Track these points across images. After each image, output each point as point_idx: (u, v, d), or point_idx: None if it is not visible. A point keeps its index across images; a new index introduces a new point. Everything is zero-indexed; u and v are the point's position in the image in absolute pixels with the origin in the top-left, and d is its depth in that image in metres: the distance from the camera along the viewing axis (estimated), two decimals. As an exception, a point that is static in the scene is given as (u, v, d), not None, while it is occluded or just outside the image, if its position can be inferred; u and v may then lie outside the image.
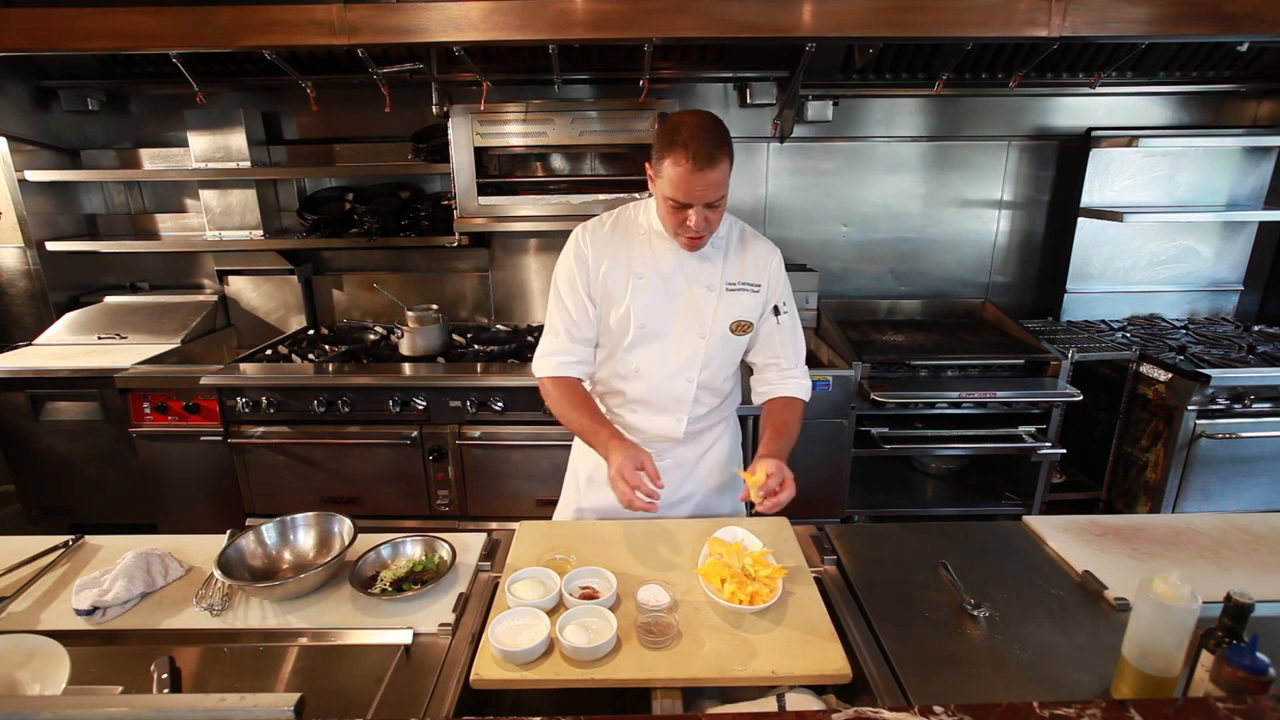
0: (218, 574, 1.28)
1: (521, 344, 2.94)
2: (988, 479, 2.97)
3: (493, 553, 1.47)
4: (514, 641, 1.12)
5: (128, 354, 2.80)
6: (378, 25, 2.27)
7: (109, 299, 3.27)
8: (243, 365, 2.71)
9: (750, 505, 1.43)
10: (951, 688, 1.07)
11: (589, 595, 1.26)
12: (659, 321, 1.57)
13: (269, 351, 2.89)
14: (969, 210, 3.26)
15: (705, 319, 1.57)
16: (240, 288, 3.33)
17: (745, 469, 1.44)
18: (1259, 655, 0.90)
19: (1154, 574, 0.99)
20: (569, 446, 1.83)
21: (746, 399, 1.79)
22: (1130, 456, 2.80)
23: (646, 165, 1.47)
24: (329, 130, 3.17)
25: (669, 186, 1.39)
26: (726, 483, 1.75)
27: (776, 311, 1.63)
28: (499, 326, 3.31)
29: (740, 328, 1.60)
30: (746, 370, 1.75)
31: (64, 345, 2.99)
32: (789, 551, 1.42)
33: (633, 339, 1.58)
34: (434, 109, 2.81)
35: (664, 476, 1.65)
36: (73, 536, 1.51)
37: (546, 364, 1.60)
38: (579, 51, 2.79)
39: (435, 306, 2.88)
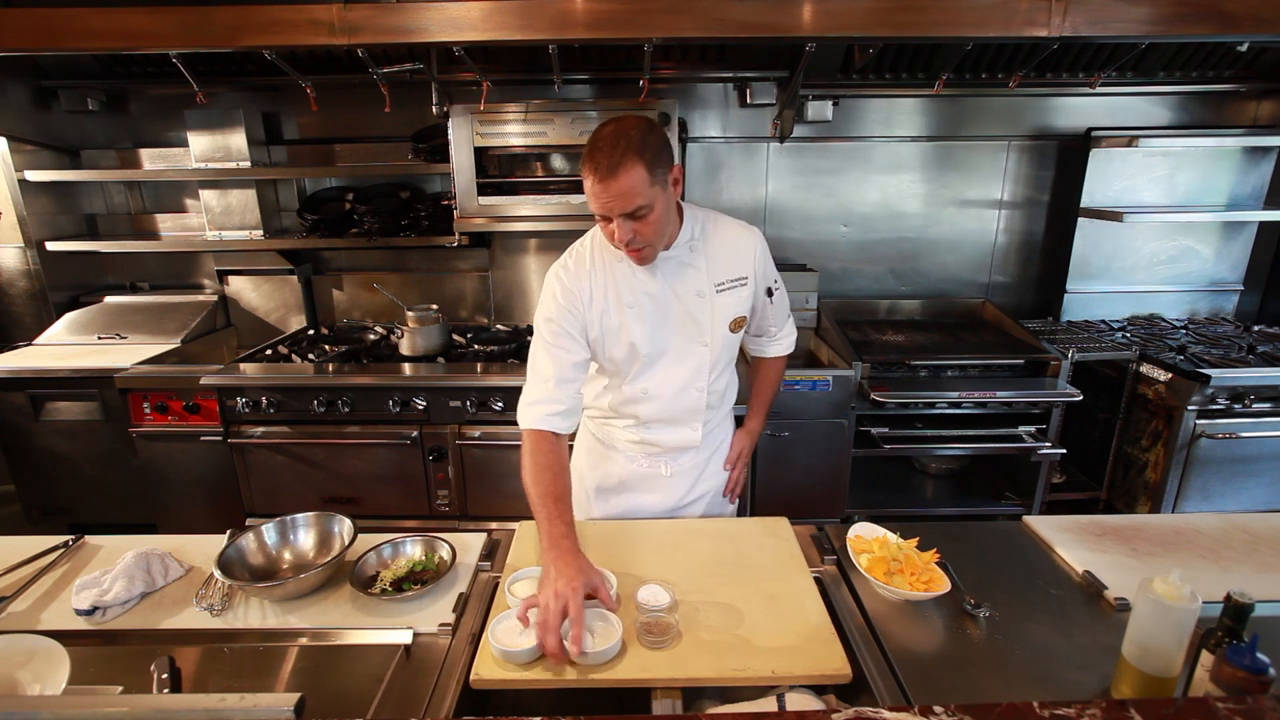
0: (218, 574, 1.28)
1: (521, 344, 2.94)
2: (988, 479, 2.97)
3: (493, 553, 1.47)
4: (514, 642, 1.12)
5: (128, 354, 2.80)
6: (378, 25, 2.27)
7: (109, 299, 3.27)
8: (243, 365, 2.71)
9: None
10: (951, 688, 1.07)
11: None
12: (660, 343, 1.54)
13: (269, 351, 2.89)
14: (969, 210, 3.26)
15: (705, 327, 1.55)
16: (240, 288, 3.33)
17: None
18: (1259, 655, 0.90)
19: (1154, 574, 0.99)
20: (569, 447, 1.82)
21: (742, 400, 1.80)
22: (1130, 456, 2.80)
23: None
24: (329, 130, 3.17)
25: (588, 200, 1.34)
26: (727, 478, 1.77)
27: (769, 293, 1.63)
28: (499, 326, 3.31)
29: (737, 324, 1.58)
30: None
31: (64, 345, 2.99)
32: (789, 551, 1.43)
33: (642, 366, 1.56)
34: (434, 109, 2.81)
35: (679, 481, 1.67)
36: (73, 536, 1.51)
37: (531, 414, 1.47)
38: (579, 51, 2.79)
39: (435, 306, 2.88)
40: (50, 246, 3.04)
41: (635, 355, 1.53)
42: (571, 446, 1.83)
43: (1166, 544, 1.46)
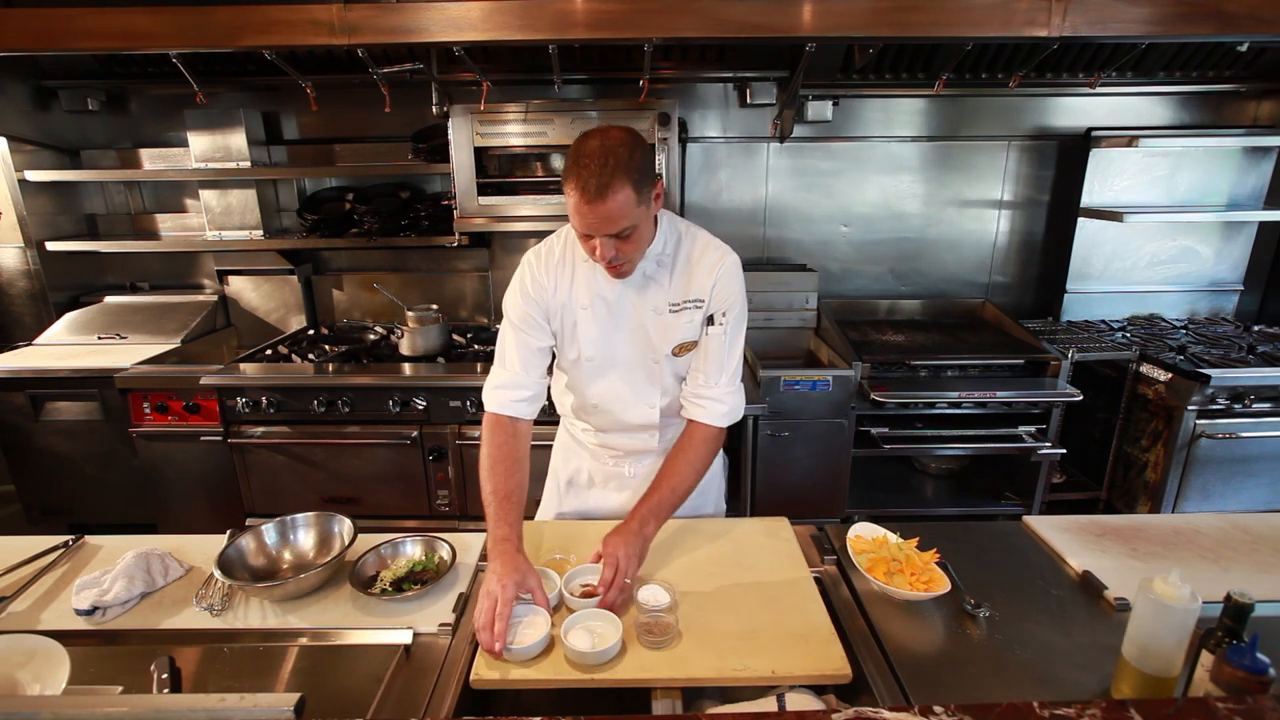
0: (218, 574, 1.28)
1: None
2: (988, 479, 2.96)
3: (493, 553, 1.47)
4: (515, 639, 1.12)
5: (128, 354, 2.80)
6: (378, 25, 2.27)
7: (109, 299, 3.27)
8: (243, 365, 2.71)
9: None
10: (951, 688, 1.07)
11: (589, 593, 1.26)
12: (609, 352, 1.51)
13: (269, 351, 2.89)
14: (969, 210, 3.26)
15: (655, 344, 1.50)
16: (240, 288, 3.33)
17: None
18: (1259, 655, 0.90)
19: (1154, 574, 0.99)
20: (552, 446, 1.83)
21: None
22: (1130, 456, 2.80)
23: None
24: (329, 130, 3.17)
25: (570, 214, 1.30)
26: (709, 482, 1.70)
27: (710, 321, 1.48)
28: (499, 327, 3.30)
29: (683, 349, 1.50)
30: None
31: (64, 345, 2.99)
32: (789, 551, 1.43)
33: (586, 373, 1.54)
34: (434, 109, 2.81)
35: (642, 484, 1.57)
36: (73, 536, 1.51)
37: (494, 399, 1.49)
38: (579, 51, 2.79)
39: (435, 306, 2.88)
40: (50, 246, 3.04)
41: (580, 361, 1.52)
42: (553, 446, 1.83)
43: (1166, 544, 1.46)
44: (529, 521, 1.56)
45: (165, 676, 1.10)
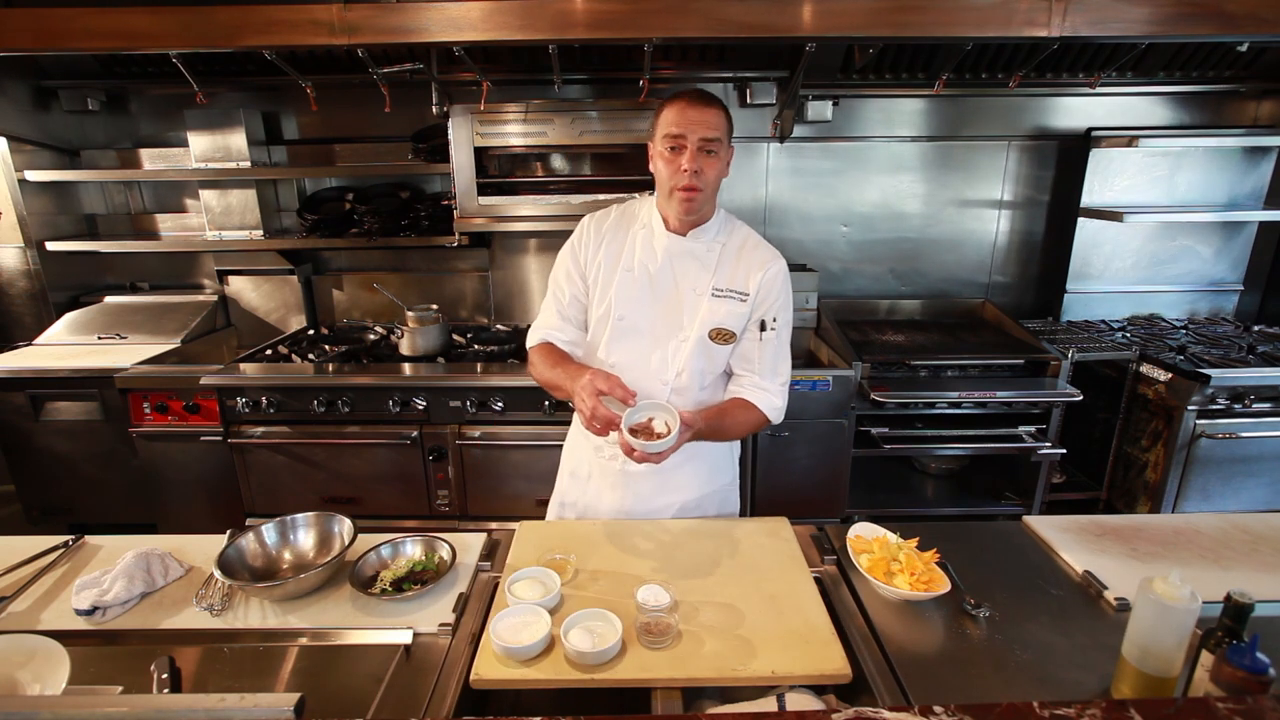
0: (218, 574, 1.28)
1: (521, 344, 2.94)
2: (988, 479, 2.96)
3: (493, 553, 1.47)
4: (515, 639, 1.12)
5: (128, 354, 2.80)
6: (378, 25, 2.27)
7: (109, 299, 3.27)
8: (243, 365, 2.71)
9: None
10: (951, 688, 1.07)
11: (649, 434, 1.33)
12: (639, 317, 1.56)
13: (269, 351, 2.89)
14: (969, 210, 3.26)
15: (686, 322, 1.56)
16: (240, 288, 3.33)
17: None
18: (1259, 655, 0.90)
19: (1154, 574, 0.99)
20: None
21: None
22: (1130, 456, 2.80)
23: (649, 145, 1.53)
24: (329, 130, 3.17)
25: (665, 125, 1.44)
26: (709, 495, 1.69)
27: (763, 326, 1.56)
28: (499, 326, 3.31)
29: (721, 336, 1.55)
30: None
31: (64, 345, 2.99)
32: (789, 551, 1.43)
33: (611, 331, 1.58)
34: (434, 109, 2.81)
35: (642, 482, 1.63)
36: (73, 536, 1.51)
37: (535, 335, 1.65)
38: (579, 51, 2.79)
39: (435, 306, 2.88)
40: (50, 246, 3.04)
41: (607, 318, 1.58)
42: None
43: (1166, 544, 1.46)
44: (530, 522, 1.57)
45: (165, 676, 1.10)
